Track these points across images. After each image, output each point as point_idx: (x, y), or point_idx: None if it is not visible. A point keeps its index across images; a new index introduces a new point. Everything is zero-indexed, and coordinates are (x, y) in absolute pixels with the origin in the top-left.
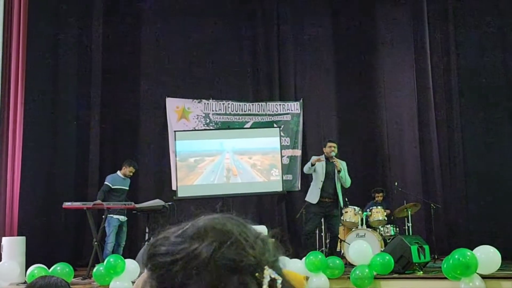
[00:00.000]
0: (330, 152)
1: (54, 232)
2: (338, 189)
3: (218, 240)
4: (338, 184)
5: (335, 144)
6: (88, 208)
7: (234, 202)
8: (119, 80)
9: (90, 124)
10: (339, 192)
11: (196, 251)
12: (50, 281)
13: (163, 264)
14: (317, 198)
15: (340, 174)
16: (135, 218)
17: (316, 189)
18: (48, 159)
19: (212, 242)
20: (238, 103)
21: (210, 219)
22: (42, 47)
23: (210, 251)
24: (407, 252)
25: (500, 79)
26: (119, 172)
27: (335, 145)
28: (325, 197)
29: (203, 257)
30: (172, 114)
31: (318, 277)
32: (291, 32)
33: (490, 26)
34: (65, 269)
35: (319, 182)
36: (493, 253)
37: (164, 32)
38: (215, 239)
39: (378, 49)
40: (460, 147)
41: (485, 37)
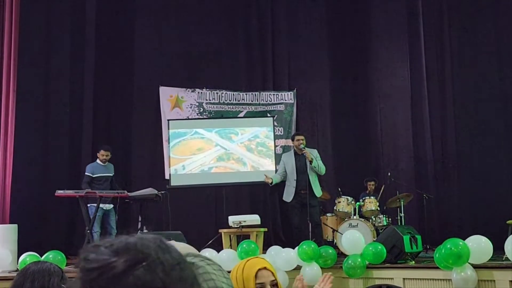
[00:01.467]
0: (299, 145)
1: (46, 220)
2: (312, 180)
3: (135, 259)
4: (312, 174)
5: (302, 137)
6: (81, 196)
7: (226, 192)
8: (113, 68)
9: (83, 112)
10: (314, 182)
11: (112, 264)
12: (43, 267)
13: (85, 269)
14: (292, 196)
15: (313, 164)
16: (128, 206)
17: (291, 188)
18: (40, 146)
19: (129, 259)
20: (232, 93)
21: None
22: (34, 34)
23: (124, 267)
24: (399, 242)
25: (494, 69)
26: (98, 160)
27: (303, 137)
28: (300, 190)
29: (116, 271)
30: (165, 103)
31: (311, 267)
32: (285, 21)
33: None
34: (57, 257)
35: (293, 181)
36: (485, 243)
37: (158, 20)
38: (133, 257)
39: (372, 38)
40: (453, 138)
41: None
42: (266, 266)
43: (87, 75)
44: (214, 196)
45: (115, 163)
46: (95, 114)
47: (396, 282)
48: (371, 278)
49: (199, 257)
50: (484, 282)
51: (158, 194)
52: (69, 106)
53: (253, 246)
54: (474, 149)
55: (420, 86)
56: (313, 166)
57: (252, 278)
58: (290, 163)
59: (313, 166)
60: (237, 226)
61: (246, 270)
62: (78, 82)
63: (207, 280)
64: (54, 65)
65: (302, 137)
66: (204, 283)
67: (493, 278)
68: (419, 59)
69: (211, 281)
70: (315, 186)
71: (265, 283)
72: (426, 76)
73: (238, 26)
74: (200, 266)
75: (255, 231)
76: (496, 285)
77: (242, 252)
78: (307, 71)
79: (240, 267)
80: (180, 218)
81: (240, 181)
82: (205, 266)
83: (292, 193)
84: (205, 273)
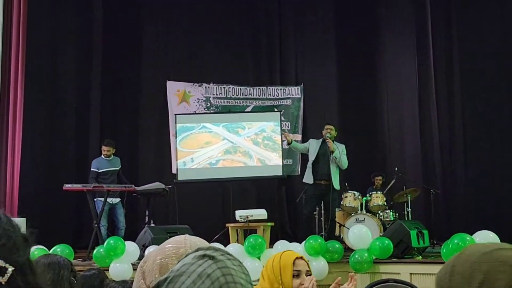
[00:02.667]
0: (326, 134)
1: (54, 213)
2: (332, 171)
3: None
4: (333, 166)
5: (331, 127)
6: (89, 190)
7: (233, 186)
8: (120, 63)
9: (90, 106)
10: (334, 174)
11: None
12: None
13: None
14: (312, 178)
15: (334, 155)
16: (136, 201)
17: (308, 170)
18: (48, 140)
19: None
20: (239, 87)
21: None
22: (42, 30)
23: None
24: (406, 237)
25: (501, 64)
26: (102, 155)
27: (332, 127)
28: (320, 179)
29: None
30: (172, 97)
31: (318, 261)
32: (292, 16)
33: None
34: (65, 251)
35: (310, 163)
36: (493, 238)
37: (165, 15)
38: None
39: (380, 33)
40: (461, 133)
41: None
42: (302, 257)
43: (94, 70)
44: (221, 190)
45: (122, 157)
46: (102, 108)
47: (403, 277)
48: (378, 273)
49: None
50: None
51: (165, 188)
52: (76, 101)
53: (260, 240)
54: (482, 144)
55: (428, 81)
56: (334, 156)
57: (290, 265)
58: (314, 147)
59: (334, 156)
60: (244, 221)
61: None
62: (85, 77)
63: (226, 274)
64: (62, 60)
65: (331, 127)
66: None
67: None
68: (426, 53)
69: (230, 276)
70: (335, 178)
71: (301, 271)
72: (434, 70)
73: (246, 20)
74: (219, 260)
75: (262, 225)
76: None
77: (249, 246)
78: (314, 66)
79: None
80: (187, 212)
81: (247, 176)
82: (225, 260)
83: (311, 177)
84: (224, 267)
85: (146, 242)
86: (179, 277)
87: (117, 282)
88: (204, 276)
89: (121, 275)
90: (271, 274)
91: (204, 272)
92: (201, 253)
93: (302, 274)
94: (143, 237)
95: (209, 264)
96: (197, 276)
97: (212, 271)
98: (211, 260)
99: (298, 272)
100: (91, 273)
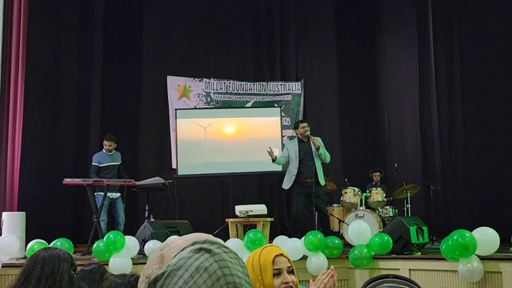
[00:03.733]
0: (305, 132)
1: (54, 208)
2: (318, 168)
3: None
4: (318, 162)
5: (306, 124)
6: (88, 184)
7: (233, 181)
8: (120, 57)
9: (90, 101)
10: (319, 170)
11: None
12: (53, 253)
13: None
14: (290, 184)
15: (320, 152)
16: (136, 195)
17: (290, 176)
18: (48, 135)
19: None
20: (239, 83)
21: None
22: (42, 25)
23: None
24: (406, 233)
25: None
26: (104, 149)
27: (307, 124)
28: (307, 177)
29: None
30: (173, 92)
31: (317, 257)
32: (293, 12)
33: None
34: (65, 245)
35: (294, 169)
36: (492, 235)
37: (166, 10)
38: None
39: (380, 29)
40: (461, 130)
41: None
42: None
43: (95, 64)
44: (221, 185)
45: (122, 152)
46: (103, 103)
47: (402, 273)
48: (377, 268)
49: (216, 244)
50: (491, 274)
51: (165, 183)
52: (77, 95)
53: (259, 235)
54: (481, 141)
55: (429, 78)
56: (319, 153)
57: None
58: (294, 150)
59: (320, 153)
60: (244, 216)
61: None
62: (86, 71)
63: (223, 267)
64: (62, 54)
65: (306, 124)
66: (219, 271)
67: (499, 270)
68: (427, 48)
69: (227, 268)
70: (320, 173)
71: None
72: (435, 67)
73: (247, 16)
74: (216, 253)
75: (262, 220)
76: (503, 277)
77: (248, 241)
78: (314, 62)
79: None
80: (187, 207)
81: (247, 171)
82: (222, 253)
83: (291, 181)
84: (221, 260)
85: (146, 237)
86: (177, 271)
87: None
88: (201, 270)
89: (121, 269)
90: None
91: (201, 265)
92: (197, 246)
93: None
94: (143, 231)
95: (206, 257)
96: (195, 270)
97: (209, 264)
98: (208, 253)
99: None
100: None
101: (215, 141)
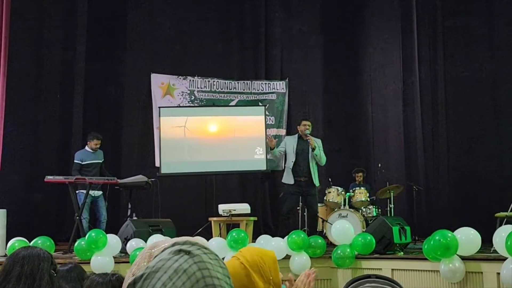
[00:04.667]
0: (305, 130)
1: (35, 205)
2: (312, 168)
3: None
4: (313, 162)
5: (309, 123)
6: (70, 182)
7: (217, 180)
8: (104, 54)
9: (73, 98)
10: (314, 170)
11: None
12: (33, 252)
13: None
14: (292, 178)
15: (315, 152)
16: (118, 193)
17: (288, 170)
18: (30, 132)
19: None
20: (224, 81)
21: None
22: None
23: None
24: (388, 233)
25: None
26: (87, 147)
27: (309, 123)
28: (300, 176)
29: None
30: (156, 90)
31: (300, 256)
32: (278, 10)
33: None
34: (46, 243)
35: (290, 162)
36: (474, 235)
37: (150, 7)
38: None
39: (365, 29)
40: (444, 131)
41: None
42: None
43: (78, 61)
44: (204, 184)
45: (105, 150)
46: (86, 100)
47: (385, 273)
48: (360, 268)
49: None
50: (472, 274)
51: (148, 181)
52: (59, 92)
53: (242, 234)
54: (464, 142)
55: (412, 79)
56: (314, 154)
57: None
58: (292, 145)
59: (314, 154)
60: (227, 215)
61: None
62: (69, 68)
63: (202, 269)
64: (45, 52)
65: (309, 122)
66: (199, 272)
67: (480, 270)
68: (412, 50)
69: (206, 270)
70: (314, 174)
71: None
72: (419, 68)
73: (231, 14)
74: (196, 254)
75: (245, 219)
76: (484, 277)
77: (231, 240)
78: (299, 61)
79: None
80: (170, 206)
81: (230, 170)
82: (201, 255)
83: (291, 177)
84: (201, 262)
85: (128, 235)
86: (155, 273)
87: (98, 275)
88: (180, 272)
89: (103, 268)
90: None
91: (180, 267)
92: (177, 248)
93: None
94: (125, 230)
95: (185, 259)
96: (173, 272)
97: (188, 266)
98: (187, 255)
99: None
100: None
101: (198, 140)
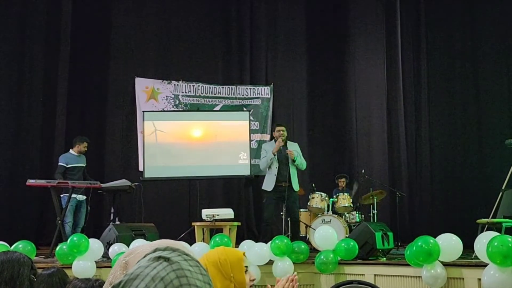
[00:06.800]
0: (279, 137)
1: (17, 209)
2: (292, 173)
3: None
4: (292, 167)
5: (283, 127)
6: (52, 186)
7: (200, 185)
8: (88, 58)
9: (56, 101)
10: (294, 175)
11: None
12: (12, 257)
13: None
14: (273, 184)
15: (296, 162)
16: (101, 198)
17: (272, 177)
18: (12, 136)
19: None
20: (208, 86)
21: None
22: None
23: None
24: (371, 239)
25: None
26: (72, 150)
27: (283, 128)
28: (281, 181)
29: None
30: (141, 94)
31: (283, 261)
32: (264, 16)
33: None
34: (27, 247)
35: (274, 169)
36: (455, 241)
37: (135, 12)
38: None
39: (350, 36)
40: (427, 137)
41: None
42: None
43: (62, 64)
44: (188, 189)
45: (88, 154)
46: (69, 103)
47: (367, 278)
48: (343, 274)
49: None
50: (453, 280)
51: (131, 185)
52: (42, 95)
53: (226, 240)
54: (446, 149)
55: (396, 85)
56: (296, 164)
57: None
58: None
59: (296, 164)
60: (210, 220)
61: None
62: (53, 72)
63: (180, 277)
64: (28, 55)
65: (283, 127)
66: (176, 280)
67: (462, 276)
68: (395, 57)
69: (184, 278)
70: (294, 179)
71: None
72: (402, 74)
73: (216, 19)
74: (175, 262)
75: (228, 225)
76: (465, 283)
77: (214, 245)
78: (284, 67)
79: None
80: (153, 210)
81: (214, 175)
82: (181, 262)
83: (273, 182)
84: (179, 269)
85: (111, 240)
86: (133, 280)
87: (80, 280)
88: (157, 280)
89: (85, 272)
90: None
91: (158, 275)
92: (157, 254)
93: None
94: (108, 234)
95: (163, 266)
96: (150, 279)
97: (166, 274)
98: (166, 262)
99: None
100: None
101: (183, 144)
